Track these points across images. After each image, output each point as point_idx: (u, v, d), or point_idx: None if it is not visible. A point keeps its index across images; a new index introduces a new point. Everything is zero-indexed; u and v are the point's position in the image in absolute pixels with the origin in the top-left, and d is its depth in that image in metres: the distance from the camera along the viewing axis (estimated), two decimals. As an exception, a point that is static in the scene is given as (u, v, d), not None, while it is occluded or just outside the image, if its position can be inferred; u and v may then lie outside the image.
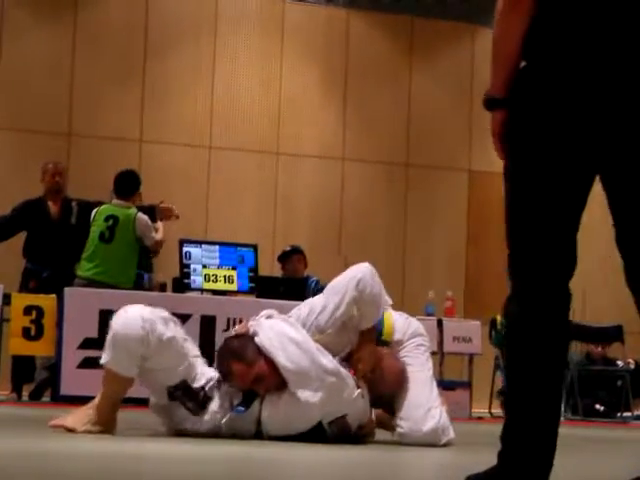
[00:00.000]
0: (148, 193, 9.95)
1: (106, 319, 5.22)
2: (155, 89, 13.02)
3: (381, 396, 5.26)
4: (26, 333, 8.65)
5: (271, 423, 4.99)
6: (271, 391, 5.00)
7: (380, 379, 5.22)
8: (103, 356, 4.93)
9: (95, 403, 4.98)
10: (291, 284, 9.77)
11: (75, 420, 4.95)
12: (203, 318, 8.65)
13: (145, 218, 9.20)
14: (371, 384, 5.19)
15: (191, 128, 13.12)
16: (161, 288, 9.66)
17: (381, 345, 5.34)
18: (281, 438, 4.94)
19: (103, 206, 9.32)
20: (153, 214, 9.40)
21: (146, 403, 5.18)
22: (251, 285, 9.27)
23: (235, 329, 5.39)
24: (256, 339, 5.05)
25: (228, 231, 12.25)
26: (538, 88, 2.81)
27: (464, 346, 9.97)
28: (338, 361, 5.11)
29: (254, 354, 4.99)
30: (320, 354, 5.02)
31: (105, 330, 5.01)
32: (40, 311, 8.68)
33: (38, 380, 9.35)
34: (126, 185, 9.39)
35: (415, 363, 5.38)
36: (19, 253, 9.67)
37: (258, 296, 9.13)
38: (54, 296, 8.78)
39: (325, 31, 13.79)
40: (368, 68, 13.86)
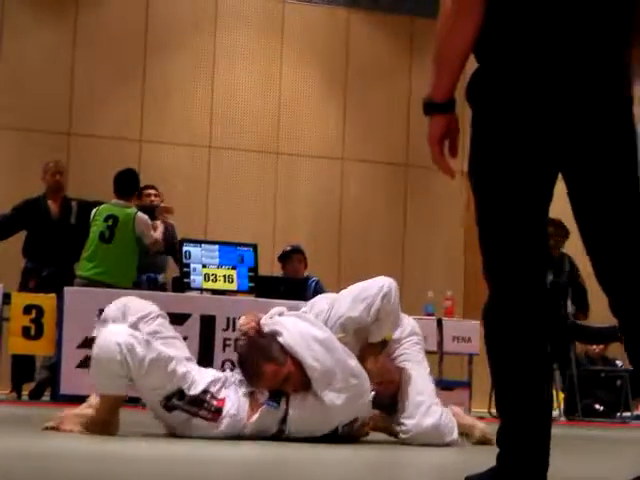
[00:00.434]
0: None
1: (106, 319, 5.19)
2: (155, 89, 13.01)
3: (381, 401, 5.28)
4: (26, 332, 8.65)
5: (296, 423, 4.92)
6: (298, 390, 4.95)
7: (384, 390, 5.25)
8: (90, 373, 4.88)
9: (94, 404, 4.92)
10: (291, 284, 9.76)
11: (74, 422, 4.88)
12: (203, 318, 8.64)
13: (145, 217, 9.22)
14: (375, 394, 5.20)
15: (191, 128, 13.12)
16: (161, 288, 9.67)
17: (382, 345, 5.36)
18: (284, 439, 4.91)
19: (103, 206, 9.32)
20: (153, 213, 9.42)
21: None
22: (251, 285, 9.26)
23: (239, 325, 5.26)
24: (279, 339, 4.99)
25: (228, 231, 12.23)
26: (496, 90, 2.79)
27: (463, 346, 9.97)
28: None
29: (282, 354, 4.94)
30: (345, 354, 5.01)
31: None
32: (40, 310, 8.68)
33: (38, 379, 9.35)
34: (126, 185, 9.40)
35: (414, 360, 5.42)
36: (19, 252, 9.68)
37: (258, 296, 9.13)
38: (54, 295, 8.77)
39: (325, 31, 13.78)
40: (368, 68, 13.85)
